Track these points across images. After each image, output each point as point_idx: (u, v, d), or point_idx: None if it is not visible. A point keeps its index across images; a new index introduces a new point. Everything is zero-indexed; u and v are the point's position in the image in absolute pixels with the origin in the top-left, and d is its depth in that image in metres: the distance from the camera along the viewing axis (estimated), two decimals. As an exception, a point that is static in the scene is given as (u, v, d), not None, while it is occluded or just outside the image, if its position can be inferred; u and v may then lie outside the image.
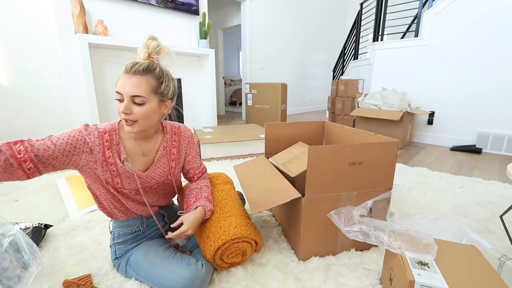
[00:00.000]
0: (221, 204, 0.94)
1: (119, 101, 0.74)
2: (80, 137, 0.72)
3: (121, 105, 0.72)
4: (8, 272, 0.71)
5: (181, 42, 3.09)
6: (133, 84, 0.71)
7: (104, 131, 0.76)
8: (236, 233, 0.83)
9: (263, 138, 2.28)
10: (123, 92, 0.72)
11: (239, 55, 8.46)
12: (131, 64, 0.73)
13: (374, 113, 2.70)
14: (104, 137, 0.75)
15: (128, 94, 0.71)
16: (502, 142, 2.45)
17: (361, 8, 4.02)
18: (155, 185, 0.88)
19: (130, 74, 0.72)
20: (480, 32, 2.46)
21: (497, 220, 1.23)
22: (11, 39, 2.30)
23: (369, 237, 0.77)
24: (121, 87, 0.72)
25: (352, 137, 1.22)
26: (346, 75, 4.34)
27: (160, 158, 0.86)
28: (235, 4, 4.96)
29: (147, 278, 0.81)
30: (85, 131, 0.73)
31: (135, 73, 0.72)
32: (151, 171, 0.84)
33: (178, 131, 0.92)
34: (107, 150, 0.75)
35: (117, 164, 0.77)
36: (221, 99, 5.56)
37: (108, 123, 0.79)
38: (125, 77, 0.72)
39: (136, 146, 0.82)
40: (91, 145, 0.73)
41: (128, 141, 0.80)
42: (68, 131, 0.72)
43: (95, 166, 0.75)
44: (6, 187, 1.61)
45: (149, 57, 0.76)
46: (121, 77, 0.73)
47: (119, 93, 0.72)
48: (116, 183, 0.79)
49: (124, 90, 0.71)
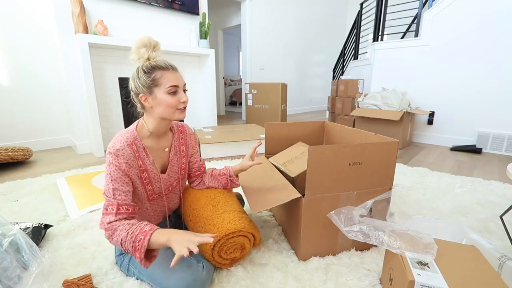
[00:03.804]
0: (213, 202, 0.95)
1: (172, 94, 0.79)
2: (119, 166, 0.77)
3: (179, 96, 0.81)
4: (8, 272, 0.71)
5: (181, 42, 3.09)
6: (180, 76, 0.83)
7: (130, 142, 0.80)
8: (230, 228, 0.84)
9: (263, 138, 2.28)
10: (179, 84, 0.81)
11: (239, 55, 8.46)
12: (167, 62, 0.81)
13: (374, 113, 2.70)
14: (133, 148, 0.80)
15: (182, 84, 0.82)
16: (502, 142, 2.45)
17: (361, 8, 4.03)
18: (175, 183, 0.95)
19: (174, 70, 0.82)
20: (480, 32, 2.46)
21: (497, 220, 1.23)
22: (11, 39, 2.30)
23: (369, 237, 0.77)
24: (176, 81, 0.80)
25: (352, 137, 1.22)
26: (346, 75, 4.34)
27: (173, 157, 0.93)
28: (235, 4, 4.96)
29: (149, 277, 0.81)
30: (116, 158, 0.76)
31: (175, 68, 0.83)
32: (169, 170, 0.92)
33: (183, 129, 0.99)
34: (138, 160, 0.82)
35: (147, 170, 0.84)
36: (221, 99, 5.57)
37: (125, 133, 0.81)
38: (172, 73, 0.80)
39: (156, 143, 0.88)
40: (130, 163, 0.79)
41: (148, 141, 0.86)
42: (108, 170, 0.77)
43: (136, 184, 0.82)
44: (6, 187, 1.62)
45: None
46: (165, 74, 0.79)
47: (175, 86, 0.80)
48: (148, 190, 0.86)
49: (180, 82, 0.81)
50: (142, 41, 0.79)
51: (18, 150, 2.03)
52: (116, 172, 0.76)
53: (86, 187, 1.59)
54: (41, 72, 2.48)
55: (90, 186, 1.61)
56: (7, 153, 1.95)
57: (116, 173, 0.76)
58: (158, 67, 0.78)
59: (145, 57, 0.79)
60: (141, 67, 0.79)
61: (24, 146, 2.34)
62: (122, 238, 0.70)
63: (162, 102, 0.79)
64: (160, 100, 0.79)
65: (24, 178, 1.76)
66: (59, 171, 1.91)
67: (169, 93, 0.79)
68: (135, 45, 0.80)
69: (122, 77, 2.66)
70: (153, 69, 0.78)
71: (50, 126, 2.63)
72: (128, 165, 0.78)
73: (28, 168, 2.01)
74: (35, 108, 2.50)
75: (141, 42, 0.79)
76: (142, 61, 0.80)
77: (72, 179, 1.70)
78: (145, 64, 0.79)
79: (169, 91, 0.79)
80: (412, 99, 2.89)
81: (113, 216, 0.73)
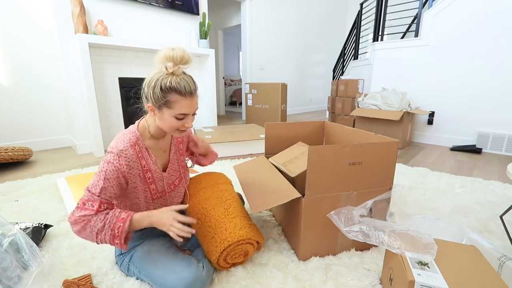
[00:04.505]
0: (225, 205, 0.94)
1: (179, 119, 0.78)
2: (119, 167, 0.75)
3: (184, 121, 0.79)
4: (8, 272, 0.71)
5: (181, 42, 3.09)
6: (195, 102, 0.79)
7: (133, 143, 0.79)
8: (242, 234, 0.84)
9: (263, 138, 2.28)
10: (191, 112, 0.79)
11: (239, 55, 8.46)
12: (188, 86, 0.75)
13: (374, 113, 2.70)
14: (136, 149, 0.80)
15: (194, 110, 0.80)
16: (502, 142, 2.45)
17: (361, 8, 4.02)
18: (176, 181, 0.95)
19: (191, 97, 0.77)
20: (480, 32, 2.46)
21: (497, 220, 1.23)
22: (11, 39, 2.30)
23: (369, 237, 0.77)
24: (188, 109, 0.77)
25: (352, 137, 1.22)
26: (346, 75, 4.34)
27: (173, 156, 0.94)
28: (235, 4, 4.96)
29: (149, 276, 0.81)
30: (118, 158, 0.75)
31: (193, 94, 0.78)
32: (169, 169, 0.93)
33: None
34: (141, 160, 0.81)
35: (151, 169, 0.84)
36: (221, 99, 5.56)
37: (128, 133, 0.81)
38: (188, 100, 0.76)
39: (156, 144, 0.87)
40: (131, 164, 0.78)
41: (149, 141, 0.85)
42: (103, 168, 0.75)
43: (135, 184, 0.81)
44: (6, 187, 1.62)
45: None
46: (180, 100, 0.75)
47: (185, 114, 0.77)
48: (152, 190, 0.86)
49: (192, 110, 0.79)
50: (174, 54, 0.73)
51: (18, 150, 2.03)
52: (112, 173, 0.74)
53: (86, 187, 1.59)
54: (41, 72, 2.48)
55: (90, 186, 1.61)
56: (7, 153, 1.95)
57: (112, 174, 0.74)
58: (177, 91, 0.73)
59: (169, 71, 0.74)
60: (160, 81, 0.73)
61: (24, 146, 2.34)
62: (99, 228, 0.71)
63: (166, 121, 0.78)
64: (166, 119, 0.77)
65: (24, 178, 1.76)
66: (59, 171, 1.91)
67: (177, 118, 0.77)
68: (163, 55, 0.73)
69: (122, 77, 2.66)
70: (170, 90, 0.73)
71: (50, 126, 2.62)
72: (129, 166, 0.77)
73: (28, 168, 2.01)
74: (35, 108, 2.50)
75: (172, 55, 0.72)
76: (164, 72, 0.74)
77: (72, 179, 1.70)
78: (165, 80, 0.73)
79: (177, 116, 0.76)
80: (412, 99, 2.89)
81: (91, 212, 0.71)
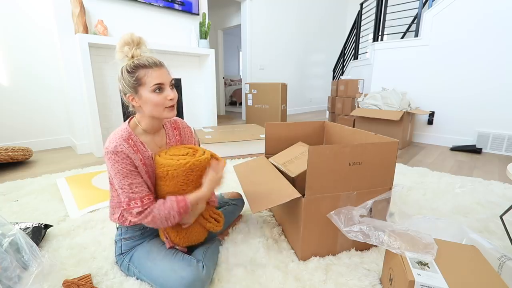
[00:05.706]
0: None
1: (158, 92, 0.78)
2: (124, 160, 0.76)
3: (165, 94, 0.79)
4: (8, 272, 0.71)
5: (181, 42, 3.09)
6: (166, 72, 0.80)
7: (126, 137, 0.79)
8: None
9: (263, 138, 2.28)
10: (165, 81, 0.79)
11: (239, 55, 8.46)
12: (150, 59, 0.78)
13: (374, 113, 2.70)
14: (130, 143, 0.79)
15: (168, 81, 0.80)
16: (502, 142, 2.45)
17: (361, 8, 4.03)
18: None
19: (158, 67, 0.78)
20: (481, 33, 2.46)
21: (497, 220, 1.23)
22: (11, 39, 2.30)
23: (369, 237, 0.77)
24: (160, 78, 0.78)
25: (352, 137, 1.22)
26: (346, 75, 4.34)
27: None
28: (235, 4, 4.96)
29: (149, 276, 0.81)
30: (116, 154, 0.75)
31: (160, 65, 0.79)
32: None
33: (177, 125, 0.97)
34: (137, 153, 0.80)
35: (146, 163, 0.82)
36: (221, 99, 5.57)
37: (118, 131, 0.80)
38: (156, 70, 0.78)
39: (151, 140, 0.87)
40: (130, 155, 0.78)
41: (144, 137, 0.85)
42: (113, 170, 0.76)
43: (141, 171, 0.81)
44: (6, 187, 1.62)
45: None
46: (148, 72, 0.77)
47: (160, 83, 0.78)
48: (152, 183, 0.85)
49: (165, 79, 0.79)
50: (124, 39, 0.78)
51: (18, 150, 2.03)
52: (124, 168, 0.75)
53: (86, 187, 1.59)
54: (41, 72, 2.48)
55: (90, 186, 1.61)
56: (7, 153, 1.95)
57: (125, 169, 0.75)
58: (141, 66, 0.77)
59: (129, 56, 0.78)
60: (125, 66, 0.78)
61: (24, 146, 2.34)
62: (166, 214, 0.76)
63: (148, 101, 0.78)
64: (146, 99, 0.78)
65: (24, 178, 1.76)
66: (59, 171, 1.91)
67: (154, 91, 0.77)
68: (118, 44, 0.78)
69: (122, 77, 2.66)
70: (136, 68, 0.77)
71: (50, 126, 2.62)
72: (129, 157, 0.77)
73: (28, 168, 2.01)
74: (35, 108, 2.50)
75: (123, 40, 0.78)
76: (127, 60, 0.79)
77: (72, 179, 1.70)
78: (129, 63, 0.77)
79: (154, 89, 0.77)
80: (412, 99, 2.89)
81: (140, 208, 0.76)
